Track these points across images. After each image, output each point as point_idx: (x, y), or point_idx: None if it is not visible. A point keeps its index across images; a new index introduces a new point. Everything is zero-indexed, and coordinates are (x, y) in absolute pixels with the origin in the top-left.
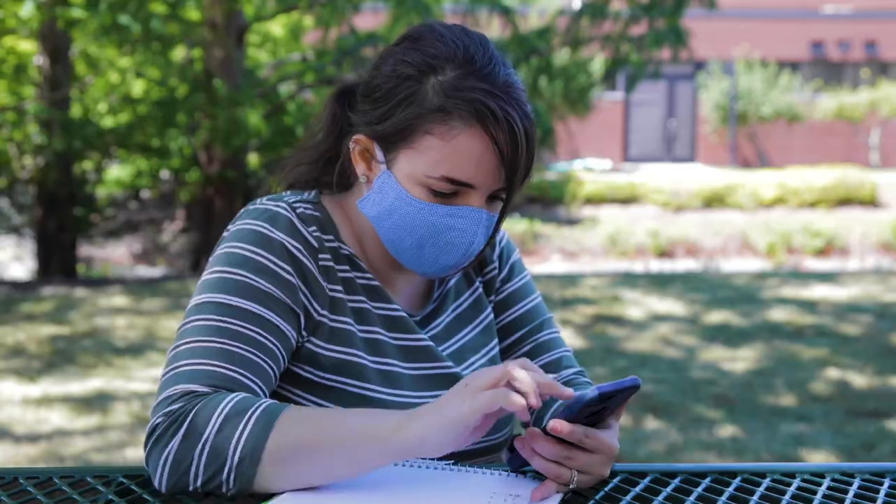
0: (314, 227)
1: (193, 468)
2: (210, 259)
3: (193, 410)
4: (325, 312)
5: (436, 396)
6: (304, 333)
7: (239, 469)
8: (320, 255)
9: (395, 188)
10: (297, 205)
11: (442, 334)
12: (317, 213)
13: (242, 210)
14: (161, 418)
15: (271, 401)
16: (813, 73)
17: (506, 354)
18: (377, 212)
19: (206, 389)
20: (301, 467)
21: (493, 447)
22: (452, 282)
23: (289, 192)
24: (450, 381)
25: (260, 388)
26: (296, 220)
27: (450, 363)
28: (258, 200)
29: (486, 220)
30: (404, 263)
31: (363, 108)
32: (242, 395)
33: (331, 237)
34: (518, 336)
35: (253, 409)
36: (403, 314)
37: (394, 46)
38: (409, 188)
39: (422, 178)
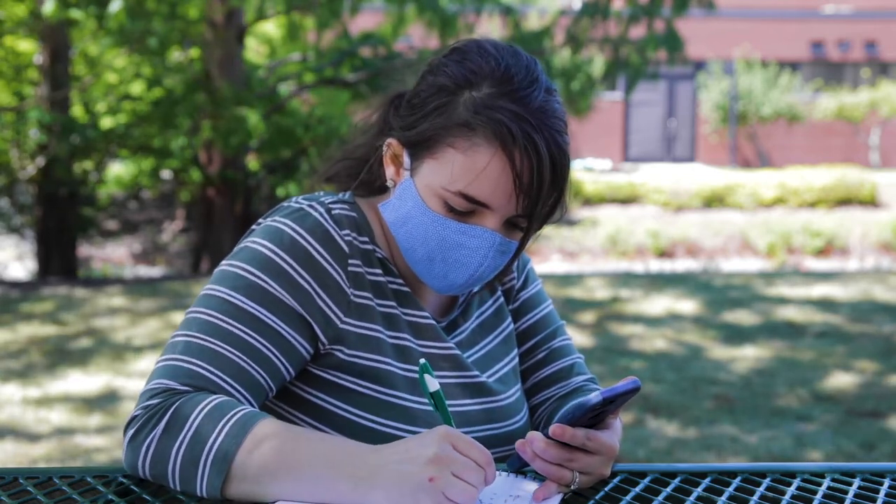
0: (348, 230)
1: (170, 467)
2: (235, 247)
3: (172, 408)
4: (349, 320)
5: (461, 406)
6: (323, 341)
7: (210, 477)
8: (350, 261)
9: (413, 196)
10: (334, 206)
11: (466, 341)
12: (353, 214)
13: (277, 206)
14: (140, 411)
15: (248, 408)
16: (813, 73)
17: (520, 361)
18: (394, 217)
19: (185, 388)
20: (266, 488)
21: (502, 460)
22: (477, 289)
23: (324, 192)
24: (476, 390)
25: (244, 396)
26: (328, 224)
27: (476, 372)
28: (293, 199)
29: (500, 245)
30: (417, 274)
31: (402, 114)
32: (221, 398)
33: (366, 239)
34: (532, 343)
35: (227, 416)
36: (432, 322)
37: (442, 57)
38: (427, 199)
39: (439, 190)
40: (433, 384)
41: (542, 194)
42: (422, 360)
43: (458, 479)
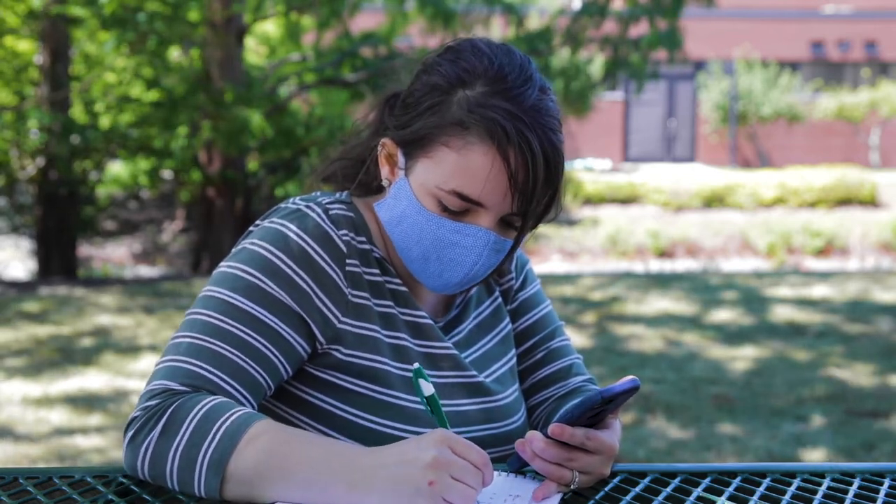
0: (345, 230)
1: (168, 469)
2: (233, 249)
3: (170, 410)
4: (347, 320)
5: (460, 405)
6: (321, 341)
7: (207, 479)
8: (348, 261)
9: (408, 196)
10: (331, 206)
11: (464, 341)
12: (350, 214)
13: (275, 207)
14: (139, 412)
15: (244, 410)
16: (813, 73)
17: (519, 362)
18: (389, 217)
19: (184, 388)
20: (262, 491)
21: (501, 460)
22: (475, 289)
23: (321, 192)
24: (474, 390)
25: (243, 395)
26: (326, 224)
27: (474, 372)
28: (290, 200)
29: (495, 244)
30: (412, 273)
31: (397, 113)
32: (219, 399)
33: (363, 239)
34: (531, 343)
35: (223, 418)
36: (430, 321)
37: (436, 56)
38: (421, 198)
39: (433, 189)
40: (428, 388)
41: (537, 193)
42: (415, 365)
43: (457, 481)
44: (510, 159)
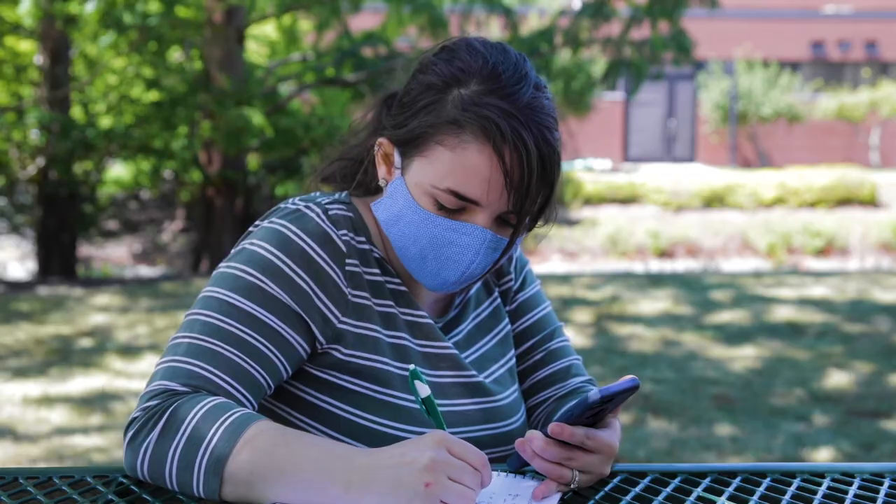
0: (345, 230)
1: (167, 470)
2: (232, 250)
3: (169, 410)
4: (347, 320)
5: (460, 405)
6: (321, 341)
7: (205, 480)
8: (348, 261)
9: (404, 195)
10: (330, 206)
11: (463, 342)
12: (349, 214)
13: (274, 208)
14: (139, 413)
15: (243, 411)
16: (813, 73)
17: (518, 362)
18: (386, 216)
19: (185, 389)
20: (259, 492)
21: (500, 460)
22: (474, 290)
23: (320, 193)
24: (473, 390)
25: (243, 395)
26: (326, 224)
27: (473, 372)
28: (290, 200)
29: (491, 242)
30: (410, 272)
31: (393, 113)
32: (218, 399)
33: (363, 238)
34: (530, 344)
35: (222, 419)
36: (430, 321)
37: (431, 55)
38: (417, 197)
39: (429, 188)
40: (424, 390)
41: (531, 190)
42: (411, 367)
43: (456, 482)
44: (505, 157)
